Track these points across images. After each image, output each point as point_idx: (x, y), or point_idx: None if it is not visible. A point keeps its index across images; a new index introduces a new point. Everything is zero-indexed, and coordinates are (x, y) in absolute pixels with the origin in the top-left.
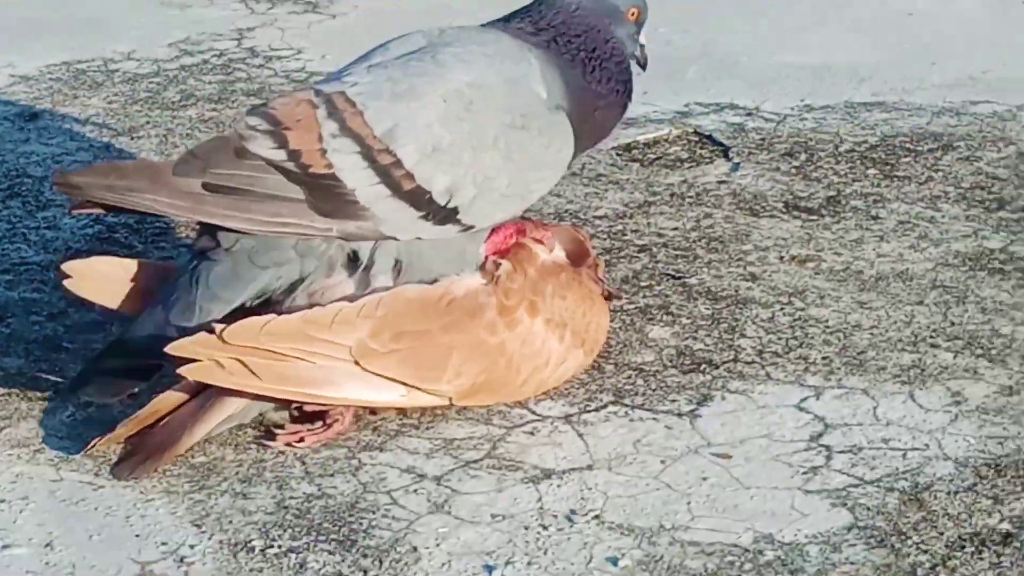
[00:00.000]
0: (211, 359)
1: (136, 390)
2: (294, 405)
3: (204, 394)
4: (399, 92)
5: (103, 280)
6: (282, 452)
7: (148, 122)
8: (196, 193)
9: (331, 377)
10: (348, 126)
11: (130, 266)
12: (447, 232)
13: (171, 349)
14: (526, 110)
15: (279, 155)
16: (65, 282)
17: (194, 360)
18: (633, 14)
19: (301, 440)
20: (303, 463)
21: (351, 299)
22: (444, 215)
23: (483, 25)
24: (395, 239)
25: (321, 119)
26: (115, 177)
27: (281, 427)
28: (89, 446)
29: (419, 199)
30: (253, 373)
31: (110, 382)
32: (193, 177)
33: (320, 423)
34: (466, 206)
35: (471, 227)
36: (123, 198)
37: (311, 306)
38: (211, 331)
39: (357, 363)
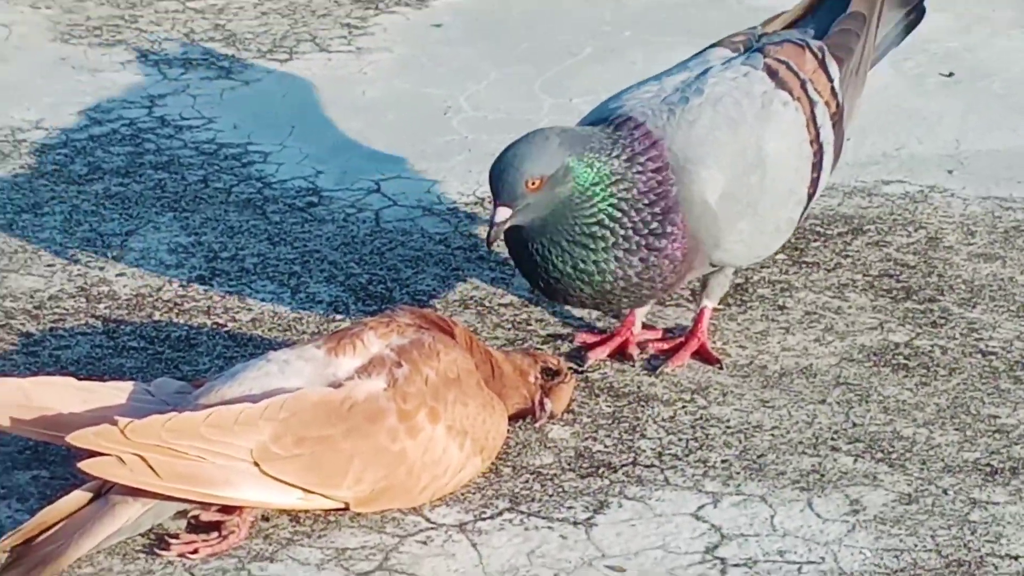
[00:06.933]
0: (112, 453)
1: None
2: (191, 515)
3: (93, 505)
4: None
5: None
6: (171, 563)
7: (53, 197)
8: None
9: (230, 478)
10: None
11: (28, 388)
12: None
13: (72, 439)
14: None
15: None
16: None
17: (96, 454)
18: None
19: (196, 551)
20: (191, 574)
21: (255, 400)
22: None
23: None
24: None
25: None
26: None
27: (175, 536)
28: None
29: None
30: (153, 470)
31: None
32: None
33: (216, 534)
34: None
35: None
36: None
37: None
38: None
39: (257, 465)
